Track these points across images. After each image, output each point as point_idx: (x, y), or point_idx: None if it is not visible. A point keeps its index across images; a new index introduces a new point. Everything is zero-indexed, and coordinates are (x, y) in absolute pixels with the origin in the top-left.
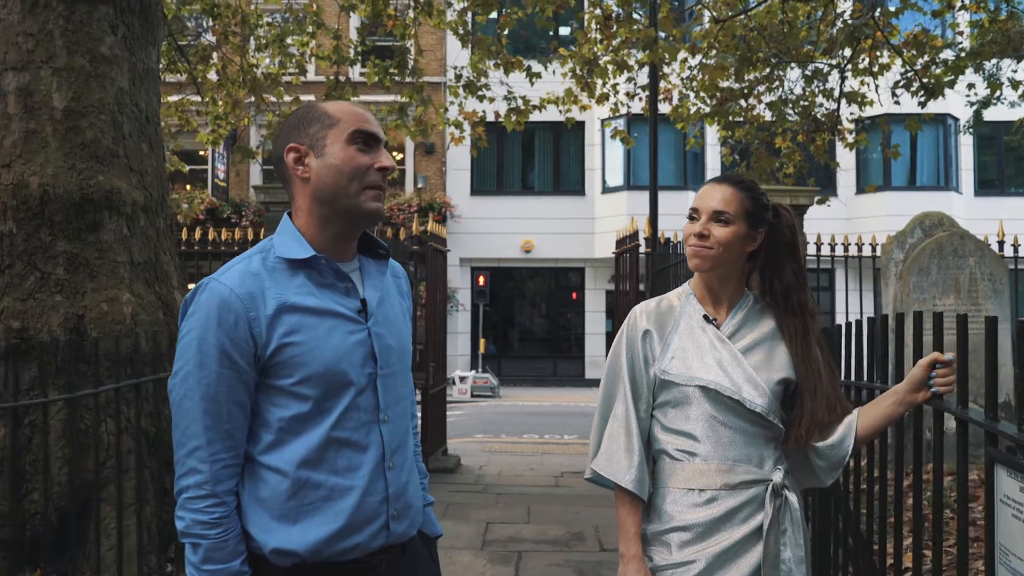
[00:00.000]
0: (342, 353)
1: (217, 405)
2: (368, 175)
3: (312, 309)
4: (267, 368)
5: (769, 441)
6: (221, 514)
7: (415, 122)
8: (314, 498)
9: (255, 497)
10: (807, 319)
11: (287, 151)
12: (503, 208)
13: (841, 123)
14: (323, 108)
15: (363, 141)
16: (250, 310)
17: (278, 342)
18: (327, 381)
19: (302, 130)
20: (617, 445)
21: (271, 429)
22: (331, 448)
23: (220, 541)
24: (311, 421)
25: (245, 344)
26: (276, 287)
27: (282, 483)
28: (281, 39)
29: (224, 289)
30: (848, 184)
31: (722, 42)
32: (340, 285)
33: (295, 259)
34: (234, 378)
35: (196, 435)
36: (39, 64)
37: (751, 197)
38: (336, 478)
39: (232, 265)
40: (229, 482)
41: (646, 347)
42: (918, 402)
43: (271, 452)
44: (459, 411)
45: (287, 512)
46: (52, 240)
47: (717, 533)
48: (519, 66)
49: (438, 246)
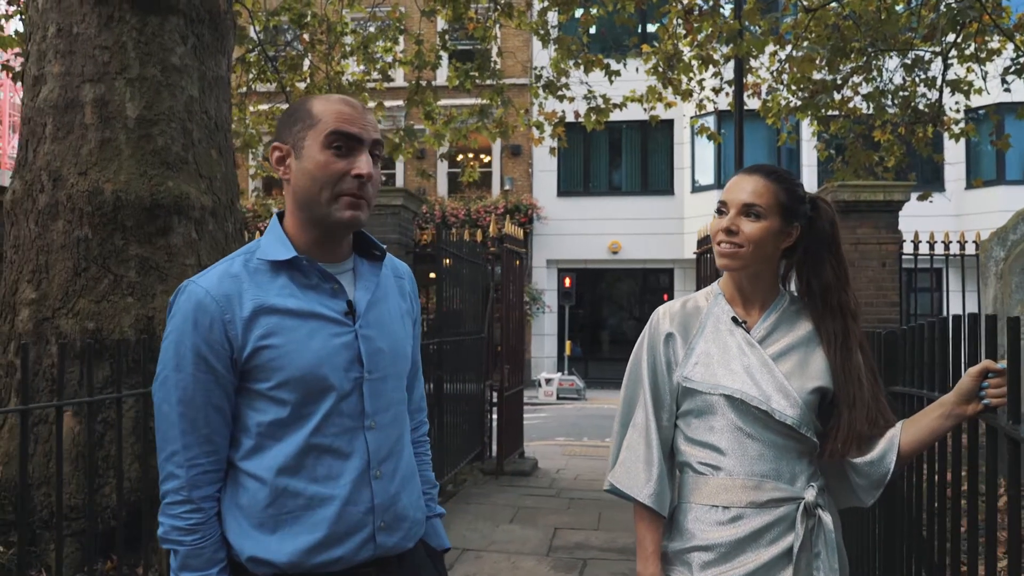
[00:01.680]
0: (323, 356)
1: (194, 409)
2: (342, 182)
3: (292, 311)
4: (245, 371)
5: (802, 456)
6: (198, 520)
7: (496, 123)
8: (292, 507)
9: (235, 503)
10: (848, 322)
11: (272, 150)
12: (590, 209)
13: (945, 114)
14: (309, 106)
15: (341, 144)
16: (225, 312)
17: (254, 344)
18: (306, 385)
19: (288, 128)
20: (636, 456)
21: (250, 434)
22: (311, 455)
23: (197, 548)
24: (290, 427)
25: (221, 347)
26: (255, 289)
27: (261, 490)
28: (366, 46)
29: (200, 291)
30: (957, 178)
31: (814, 32)
32: (326, 286)
33: (277, 260)
34: (211, 381)
35: (174, 440)
36: (113, 75)
37: (785, 188)
38: (316, 487)
39: (214, 267)
40: (207, 488)
41: (669, 351)
42: (968, 415)
43: (250, 458)
44: (543, 413)
45: (265, 520)
46: (124, 244)
47: (742, 554)
48: (599, 64)
49: (514, 247)
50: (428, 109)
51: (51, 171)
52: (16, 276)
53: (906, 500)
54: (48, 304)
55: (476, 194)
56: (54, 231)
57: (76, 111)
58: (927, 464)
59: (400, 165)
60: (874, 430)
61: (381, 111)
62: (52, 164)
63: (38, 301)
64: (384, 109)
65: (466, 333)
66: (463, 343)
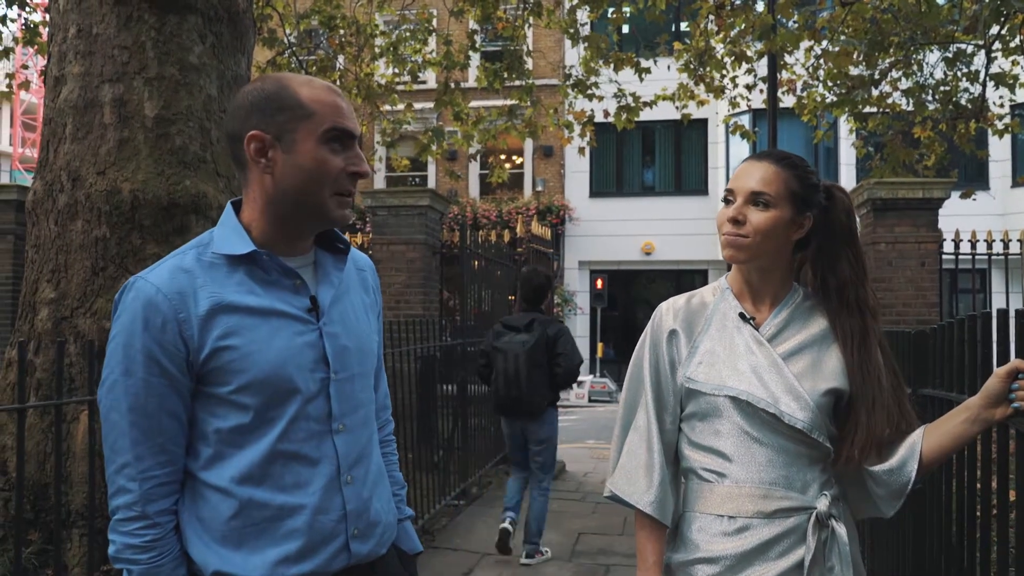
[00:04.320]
0: (287, 356)
1: (146, 417)
2: (339, 180)
3: (252, 309)
4: (202, 375)
5: (814, 462)
6: (153, 536)
7: (525, 123)
8: (259, 519)
9: (196, 516)
10: (866, 319)
11: (249, 139)
12: (623, 210)
13: (988, 109)
14: (296, 94)
15: (337, 140)
16: (179, 311)
17: (212, 345)
18: (269, 388)
19: (269, 115)
20: (636, 462)
21: (210, 442)
22: (277, 463)
23: (153, 566)
24: (253, 433)
25: (175, 349)
26: (211, 285)
27: (223, 502)
28: (395, 47)
29: (150, 288)
30: (1003, 175)
31: (851, 26)
32: (287, 282)
33: (233, 255)
34: (164, 386)
35: (124, 450)
36: (132, 75)
37: (797, 176)
38: (283, 496)
39: (163, 261)
40: (163, 501)
41: (672, 350)
42: (996, 420)
43: (211, 468)
44: (574, 416)
45: (229, 534)
46: (142, 243)
47: (749, 568)
48: (630, 63)
49: (540, 247)
50: (458, 110)
51: (70, 171)
52: (36, 275)
53: (935, 507)
54: (67, 303)
55: (508, 195)
56: (73, 230)
57: (95, 111)
58: (955, 470)
59: (431, 167)
60: (894, 435)
61: (411, 112)
62: (72, 164)
63: (57, 300)
64: (414, 110)
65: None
66: None
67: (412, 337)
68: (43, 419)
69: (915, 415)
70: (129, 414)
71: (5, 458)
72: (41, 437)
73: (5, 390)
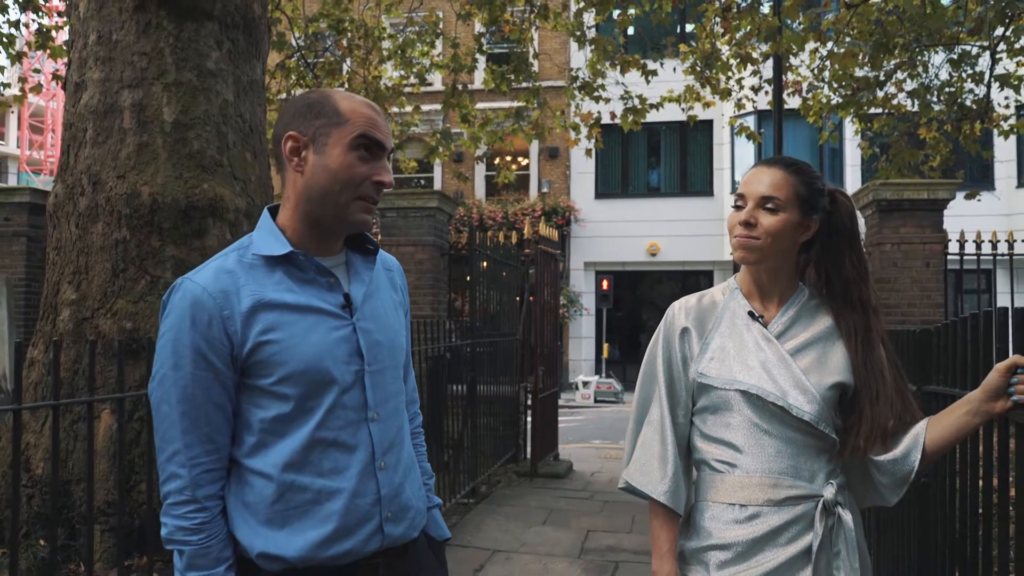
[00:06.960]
0: (324, 350)
1: (195, 408)
2: (363, 187)
3: (291, 305)
4: (246, 368)
5: (820, 453)
6: (203, 519)
7: (531, 125)
8: (300, 502)
9: (241, 501)
10: (869, 315)
11: (287, 138)
12: (628, 211)
13: (993, 110)
14: (335, 102)
15: (366, 148)
16: (224, 308)
17: (255, 340)
18: (308, 379)
19: (308, 120)
20: (651, 454)
21: (253, 431)
22: (316, 449)
23: (203, 547)
24: (294, 422)
25: (221, 344)
26: (252, 284)
27: (267, 487)
28: (403, 50)
29: (197, 288)
30: (1008, 176)
31: (856, 27)
32: (322, 280)
33: (272, 256)
34: (211, 379)
35: (175, 439)
36: (151, 81)
37: (804, 181)
38: (322, 480)
39: (208, 263)
40: (211, 487)
41: (684, 346)
42: (996, 413)
43: (255, 455)
44: (580, 416)
45: (273, 516)
46: (161, 246)
47: (760, 553)
48: (636, 65)
49: (548, 248)
50: (464, 112)
51: (91, 175)
52: (58, 277)
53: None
54: (88, 304)
55: (514, 197)
56: (93, 233)
57: (115, 116)
58: (959, 464)
59: (438, 169)
60: (898, 426)
61: (418, 114)
62: (92, 168)
63: (78, 302)
64: (421, 112)
65: (501, 335)
66: (498, 345)
67: (421, 337)
68: (64, 417)
69: (918, 405)
70: (179, 405)
71: (28, 456)
72: (63, 435)
73: (28, 389)
